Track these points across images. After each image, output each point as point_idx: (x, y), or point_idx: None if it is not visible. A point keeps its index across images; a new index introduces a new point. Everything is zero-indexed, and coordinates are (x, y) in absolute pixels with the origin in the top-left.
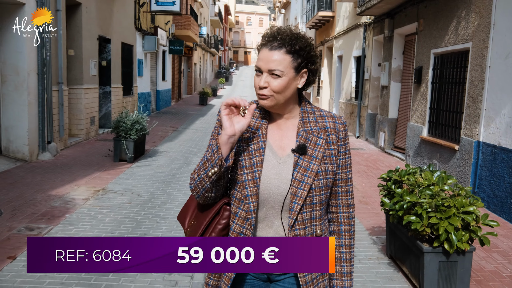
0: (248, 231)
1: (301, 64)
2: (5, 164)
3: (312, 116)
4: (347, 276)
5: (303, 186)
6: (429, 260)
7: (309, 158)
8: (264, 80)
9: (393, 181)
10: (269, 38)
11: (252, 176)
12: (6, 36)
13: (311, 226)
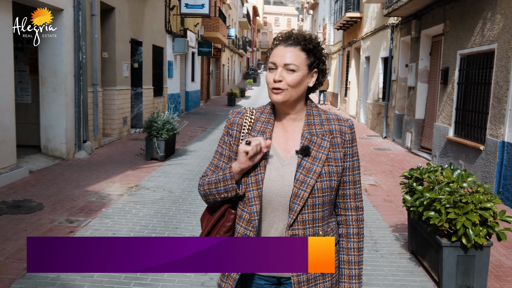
0: (252, 233)
1: (313, 63)
2: (45, 161)
3: (318, 118)
4: (356, 279)
5: (304, 187)
6: (447, 254)
7: (313, 159)
8: (279, 74)
9: (414, 178)
10: (283, 37)
11: (255, 179)
12: (47, 40)
13: (313, 227)
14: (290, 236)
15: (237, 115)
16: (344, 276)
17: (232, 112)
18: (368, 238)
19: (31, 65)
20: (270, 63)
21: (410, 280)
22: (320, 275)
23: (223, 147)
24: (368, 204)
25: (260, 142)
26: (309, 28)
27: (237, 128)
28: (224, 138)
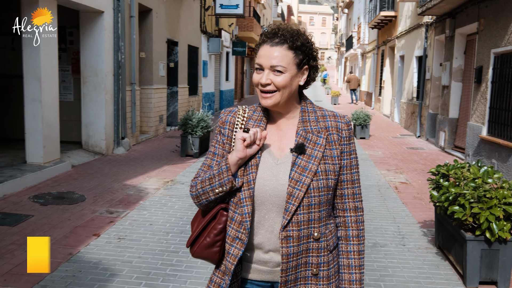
0: (243, 235)
1: (302, 61)
2: (85, 156)
3: (313, 115)
4: (356, 284)
5: (300, 186)
6: (471, 248)
7: (308, 157)
8: (266, 77)
9: (441, 175)
10: (269, 35)
11: (247, 178)
12: (88, 41)
13: (308, 228)
14: (284, 237)
15: (229, 113)
16: (344, 281)
17: (224, 111)
18: (396, 233)
19: (73, 65)
20: (257, 64)
21: (435, 273)
22: (313, 276)
23: (216, 147)
24: (398, 201)
25: (257, 131)
26: (344, 27)
27: (229, 126)
28: (217, 138)
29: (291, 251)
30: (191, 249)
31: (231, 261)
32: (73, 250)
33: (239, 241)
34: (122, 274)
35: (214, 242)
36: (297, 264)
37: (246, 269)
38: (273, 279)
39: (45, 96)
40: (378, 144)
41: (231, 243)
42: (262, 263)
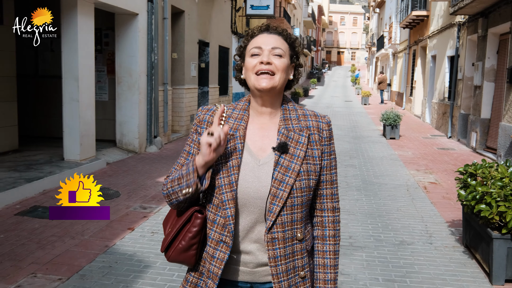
0: (228, 238)
1: (292, 56)
2: (119, 154)
3: (294, 114)
4: (331, 284)
5: (283, 186)
6: (498, 246)
7: (291, 157)
8: (268, 56)
9: (468, 174)
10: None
11: (229, 180)
12: (123, 42)
13: (292, 229)
14: (270, 240)
15: (207, 112)
16: (319, 280)
17: (202, 109)
18: (423, 232)
19: (109, 66)
20: (254, 48)
21: (462, 271)
22: (301, 280)
23: (191, 146)
24: (426, 201)
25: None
26: (375, 27)
27: (207, 126)
28: (193, 137)
29: (278, 253)
30: (166, 254)
31: (217, 265)
32: (109, 242)
33: (224, 244)
34: (155, 266)
35: (190, 246)
36: (287, 268)
37: (226, 270)
38: (253, 279)
39: (82, 95)
40: (408, 145)
41: (215, 247)
42: (243, 264)
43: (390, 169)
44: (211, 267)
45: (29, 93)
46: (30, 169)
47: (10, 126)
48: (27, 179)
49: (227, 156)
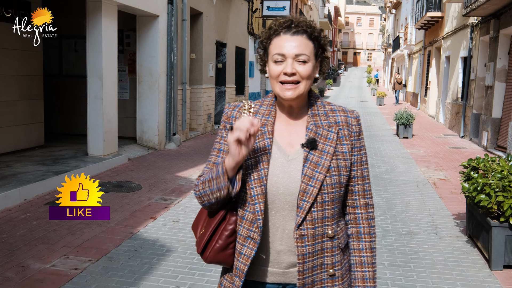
0: (256, 234)
1: (318, 52)
2: (140, 151)
3: (322, 110)
4: (370, 283)
5: (313, 182)
6: (496, 234)
7: (320, 153)
8: (292, 66)
9: (471, 167)
10: (284, 25)
11: (258, 175)
12: (144, 43)
13: (322, 226)
14: (299, 236)
15: (234, 108)
16: (358, 279)
17: (229, 106)
18: (430, 224)
19: (130, 66)
20: (277, 55)
21: (463, 258)
22: (329, 277)
23: (221, 143)
24: (435, 196)
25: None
26: (391, 28)
27: (234, 122)
28: (222, 133)
29: (307, 250)
30: (203, 255)
31: (244, 261)
32: (133, 230)
33: (251, 240)
34: (177, 251)
35: (227, 244)
36: (313, 265)
37: (255, 272)
38: (284, 281)
39: (106, 94)
40: (420, 143)
41: (243, 243)
42: (273, 264)
43: (401, 166)
44: (238, 264)
45: (53, 92)
46: (57, 163)
47: (37, 123)
48: (54, 172)
49: (256, 151)
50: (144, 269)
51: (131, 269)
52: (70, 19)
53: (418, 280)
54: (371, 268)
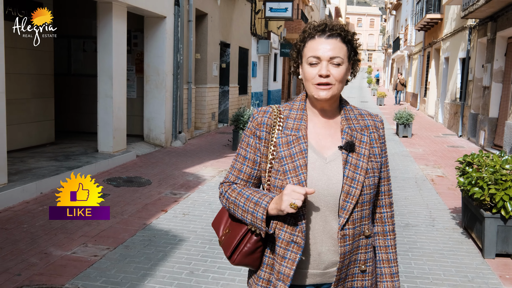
0: (299, 238)
1: (350, 54)
2: (147, 148)
3: (352, 114)
4: (396, 277)
5: (355, 184)
6: (489, 224)
7: (357, 155)
8: (326, 69)
9: (466, 163)
10: (318, 28)
11: (298, 180)
12: (151, 43)
13: (361, 225)
14: (342, 236)
15: (264, 114)
16: (385, 275)
17: (258, 112)
18: (427, 217)
19: (137, 65)
20: (312, 57)
21: (458, 248)
22: (360, 272)
23: (247, 150)
24: (432, 191)
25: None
26: (391, 29)
27: (266, 129)
28: (249, 140)
29: (347, 249)
30: (231, 258)
31: (289, 265)
32: (146, 221)
33: (295, 244)
34: (189, 240)
35: (256, 249)
36: (349, 262)
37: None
38: (322, 281)
39: (115, 92)
40: (419, 142)
41: (286, 247)
42: (314, 265)
43: (400, 163)
44: (282, 268)
45: (62, 91)
46: (69, 159)
47: (48, 121)
48: (67, 167)
49: (293, 156)
50: (159, 256)
51: (147, 256)
52: (79, 20)
53: (416, 267)
54: (396, 263)
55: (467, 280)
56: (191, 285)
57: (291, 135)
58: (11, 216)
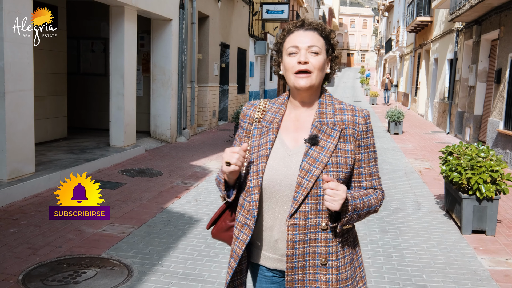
0: (251, 222)
1: (328, 50)
2: (154, 143)
3: (331, 108)
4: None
5: (309, 177)
6: (466, 205)
7: (320, 149)
8: (305, 56)
9: (448, 153)
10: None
11: (256, 168)
12: (158, 44)
13: (316, 218)
14: (291, 225)
15: (250, 107)
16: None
17: (247, 104)
18: (414, 202)
19: (144, 65)
20: (292, 47)
21: (440, 226)
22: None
23: (236, 139)
24: (420, 181)
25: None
26: (384, 30)
27: (248, 120)
28: (238, 131)
29: (297, 238)
30: (211, 230)
31: (240, 246)
32: (163, 205)
33: (247, 227)
34: (203, 220)
35: (229, 227)
36: (305, 252)
37: (258, 256)
38: (282, 267)
39: (126, 90)
40: (409, 139)
41: (240, 229)
42: (272, 250)
43: (391, 158)
44: (234, 247)
45: (72, 89)
46: (85, 152)
47: (61, 117)
48: (85, 159)
49: (259, 146)
50: (179, 233)
51: (169, 233)
52: (88, 21)
53: (403, 241)
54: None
55: (446, 251)
56: (210, 255)
57: (265, 127)
58: (41, 201)
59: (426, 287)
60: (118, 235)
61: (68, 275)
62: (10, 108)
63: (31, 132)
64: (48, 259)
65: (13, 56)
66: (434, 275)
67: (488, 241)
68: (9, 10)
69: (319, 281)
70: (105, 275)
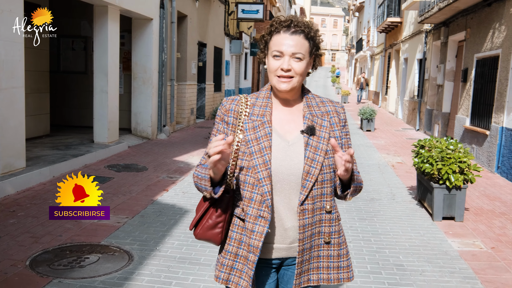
0: (266, 213)
1: (312, 50)
2: (135, 140)
3: (314, 101)
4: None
5: (315, 164)
6: (436, 194)
7: (318, 138)
8: (288, 63)
9: (420, 146)
10: (284, 23)
11: (263, 160)
12: (139, 43)
13: (321, 201)
14: (301, 211)
15: (232, 102)
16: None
17: (226, 100)
18: (388, 193)
19: (124, 63)
20: (276, 51)
21: (413, 214)
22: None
23: (216, 135)
24: (393, 174)
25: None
26: (354, 30)
27: (234, 115)
28: (218, 126)
29: (307, 222)
30: (194, 231)
31: (258, 238)
32: (153, 198)
33: (262, 218)
34: (193, 211)
35: (216, 224)
36: (312, 233)
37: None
38: (287, 255)
39: (110, 88)
40: (381, 135)
41: (254, 222)
42: (280, 240)
43: (365, 153)
44: (251, 241)
45: (52, 87)
46: (70, 149)
47: (44, 114)
48: (72, 155)
49: (258, 139)
50: (172, 222)
51: (162, 222)
52: (68, 20)
53: (380, 227)
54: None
55: (419, 235)
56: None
57: (257, 121)
58: (34, 194)
59: (403, 265)
60: (114, 225)
61: (73, 260)
62: (4, 104)
63: (22, 128)
64: (51, 247)
65: (6, 55)
66: (410, 255)
67: (457, 226)
68: (2, 10)
69: (321, 256)
70: (108, 260)
